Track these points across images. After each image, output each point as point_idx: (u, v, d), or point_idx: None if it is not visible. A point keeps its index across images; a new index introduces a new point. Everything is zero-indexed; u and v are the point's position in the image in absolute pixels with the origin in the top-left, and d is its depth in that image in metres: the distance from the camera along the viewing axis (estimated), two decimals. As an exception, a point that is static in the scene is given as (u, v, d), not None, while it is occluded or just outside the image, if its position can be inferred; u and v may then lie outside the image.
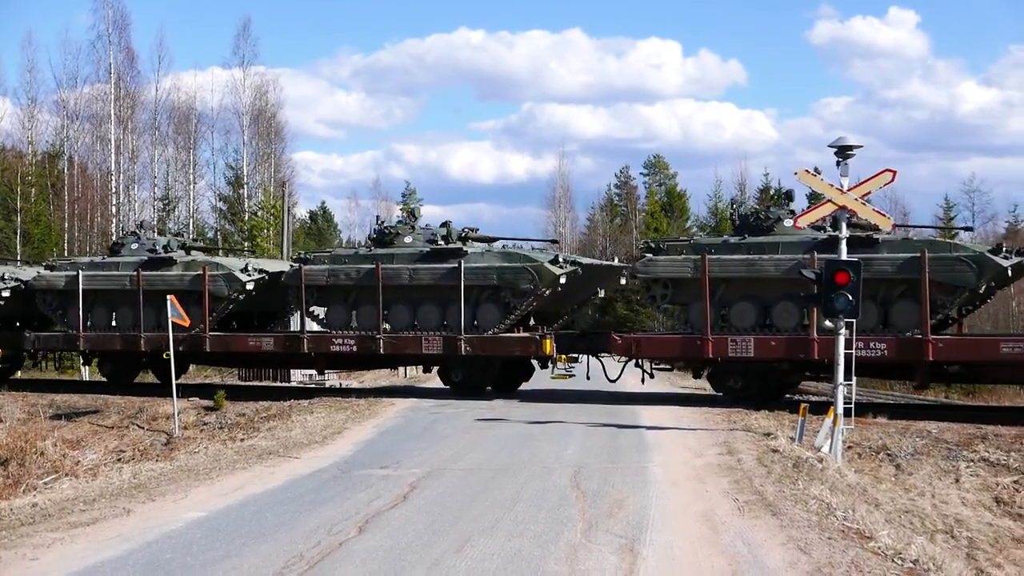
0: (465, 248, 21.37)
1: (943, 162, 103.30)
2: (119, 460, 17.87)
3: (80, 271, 24.29)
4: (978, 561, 11.82)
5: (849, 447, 14.95)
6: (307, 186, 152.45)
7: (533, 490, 11.13)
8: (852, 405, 14.85)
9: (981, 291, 18.40)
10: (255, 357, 25.05)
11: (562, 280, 20.47)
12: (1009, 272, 18.05)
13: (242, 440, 16.92)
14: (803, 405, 15.61)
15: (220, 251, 24.58)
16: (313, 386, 27.96)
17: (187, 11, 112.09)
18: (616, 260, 25.48)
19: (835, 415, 14.25)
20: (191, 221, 49.82)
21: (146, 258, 23.94)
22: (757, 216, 19.99)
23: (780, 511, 10.00)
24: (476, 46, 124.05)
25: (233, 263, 23.86)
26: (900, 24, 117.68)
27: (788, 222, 19.12)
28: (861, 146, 14.86)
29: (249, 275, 22.73)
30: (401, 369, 33.01)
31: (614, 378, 21.61)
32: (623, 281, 24.26)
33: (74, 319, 24.48)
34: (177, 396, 19.76)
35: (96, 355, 26.49)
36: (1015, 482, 14.45)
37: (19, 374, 29.28)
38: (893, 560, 8.31)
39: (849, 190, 14.79)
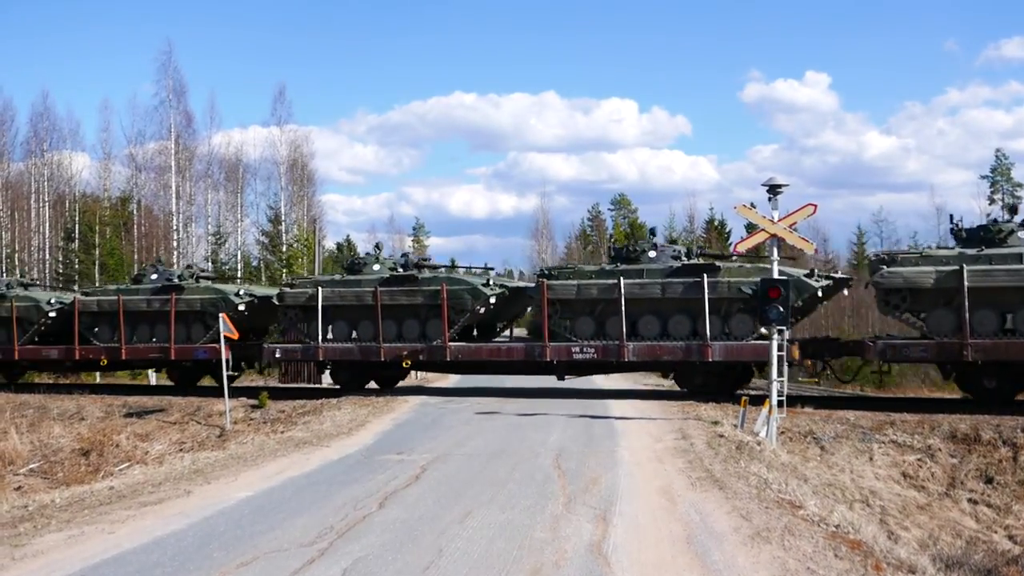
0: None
1: (854, 197, 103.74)
2: (181, 450, 17.79)
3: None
4: (889, 525, 11.85)
5: (782, 432, 14.96)
6: (334, 222, 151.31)
7: (523, 471, 11.10)
8: (784, 397, 14.87)
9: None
10: None
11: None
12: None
13: (282, 432, 16.85)
14: (744, 398, 15.59)
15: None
16: (340, 387, 27.75)
17: (233, 79, 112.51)
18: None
19: (770, 406, 14.26)
20: (239, 253, 49.67)
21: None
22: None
23: (726, 486, 10.00)
24: (469, 106, 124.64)
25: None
26: (815, 85, 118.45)
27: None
28: (788, 184, 14.93)
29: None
30: (413, 372, 32.71)
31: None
32: None
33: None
34: (228, 396, 19.69)
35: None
36: (918, 460, 14.48)
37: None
38: (819, 525, 8.32)
39: (779, 221, 14.85)
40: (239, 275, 42.73)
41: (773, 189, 14.82)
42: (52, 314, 25.19)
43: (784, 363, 14.86)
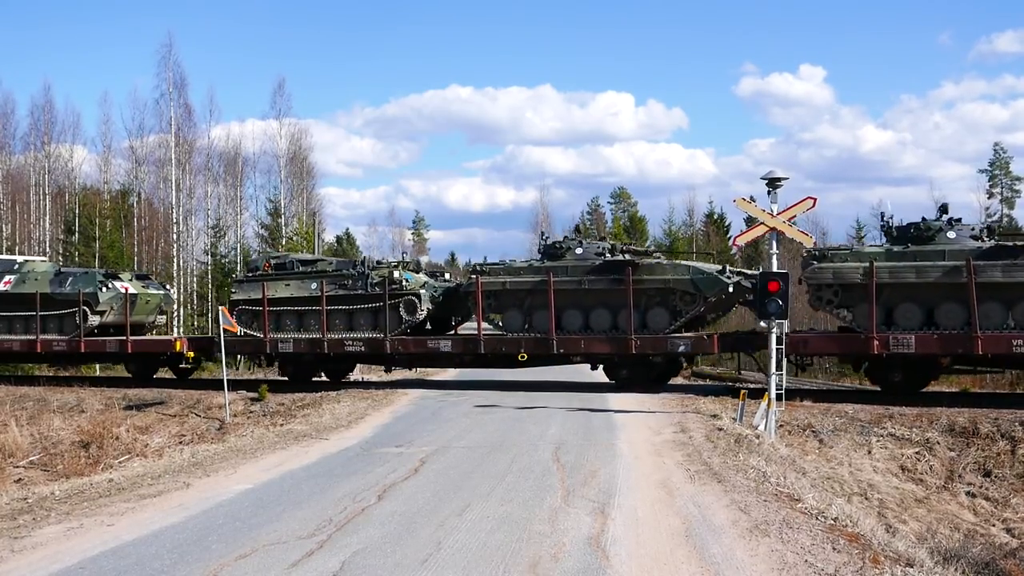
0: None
1: (851, 191, 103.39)
2: (180, 443, 17.78)
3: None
4: (887, 518, 11.86)
5: (781, 426, 14.96)
6: (333, 216, 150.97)
7: (521, 464, 11.09)
8: (783, 391, 14.87)
9: None
10: None
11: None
12: None
13: (282, 425, 16.85)
14: (743, 391, 15.59)
15: None
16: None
17: (232, 73, 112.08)
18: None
19: (769, 399, 14.27)
20: (238, 246, 49.59)
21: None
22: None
23: (724, 479, 9.99)
24: (465, 100, 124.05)
25: None
26: (810, 78, 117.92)
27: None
28: (788, 178, 14.92)
29: None
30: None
31: None
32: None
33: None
34: (228, 389, 19.67)
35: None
36: (916, 453, 14.48)
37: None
38: (817, 518, 8.30)
39: (778, 214, 14.82)
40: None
41: (772, 183, 14.80)
42: None
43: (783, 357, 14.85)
